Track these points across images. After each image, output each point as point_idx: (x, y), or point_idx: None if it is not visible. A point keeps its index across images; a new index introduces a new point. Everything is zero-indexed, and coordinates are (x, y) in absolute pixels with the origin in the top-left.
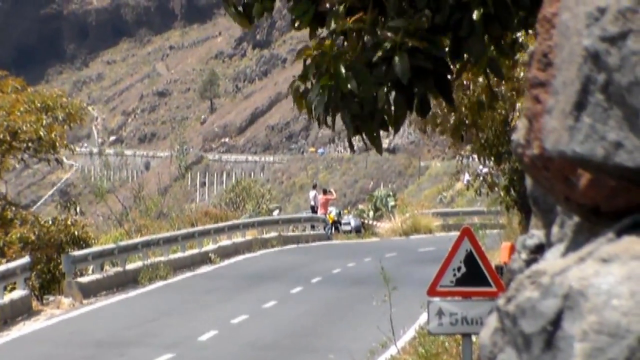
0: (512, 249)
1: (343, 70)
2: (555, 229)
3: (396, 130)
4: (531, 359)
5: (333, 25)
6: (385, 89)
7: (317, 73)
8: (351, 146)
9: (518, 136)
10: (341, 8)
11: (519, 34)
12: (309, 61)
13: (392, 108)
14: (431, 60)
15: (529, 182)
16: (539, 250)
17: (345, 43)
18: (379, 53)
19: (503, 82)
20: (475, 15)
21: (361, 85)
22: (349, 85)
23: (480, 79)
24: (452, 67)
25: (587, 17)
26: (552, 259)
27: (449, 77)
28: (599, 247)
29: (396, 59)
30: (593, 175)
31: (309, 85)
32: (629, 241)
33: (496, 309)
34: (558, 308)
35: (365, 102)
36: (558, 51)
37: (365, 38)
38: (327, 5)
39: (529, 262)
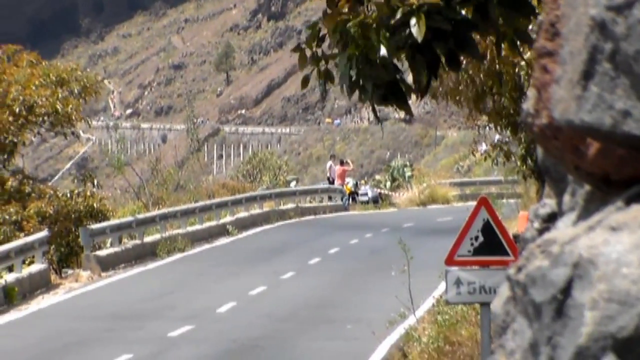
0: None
1: (374, 39)
2: (566, 198)
3: (422, 95)
4: (542, 328)
5: None
6: (405, 54)
7: (342, 41)
8: (376, 115)
9: (528, 105)
10: None
11: None
12: (326, 29)
13: (414, 72)
14: (450, 22)
15: (540, 151)
16: (551, 219)
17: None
18: (397, 17)
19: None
20: None
21: (388, 50)
22: (379, 53)
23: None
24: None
25: None
26: (563, 228)
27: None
28: (608, 216)
29: (412, 20)
30: (602, 144)
31: (315, 50)
32: (638, 209)
33: (507, 278)
34: (568, 277)
35: (388, 69)
36: (565, 21)
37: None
38: None
39: (541, 231)
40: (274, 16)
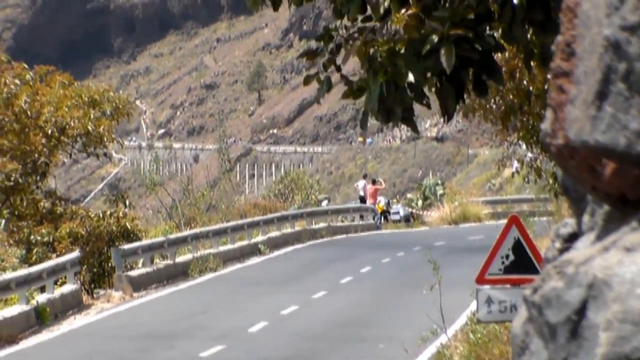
0: None
1: (402, 65)
2: (586, 218)
3: (448, 120)
4: (557, 349)
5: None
6: (434, 80)
7: (372, 68)
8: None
9: (545, 126)
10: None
11: None
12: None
13: (441, 99)
14: (477, 51)
15: (559, 171)
16: (572, 239)
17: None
18: (427, 45)
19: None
20: (516, 1)
21: (415, 77)
22: (406, 79)
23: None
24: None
25: (607, 6)
26: (582, 248)
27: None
28: (623, 236)
29: (442, 50)
30: (617, 164)
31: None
32: None
33: (523, 299)
34: (583, 297)
35: (417, 94)
36: (580, 41)
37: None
38: None
39: (562, 251)
40: (305, 35)
